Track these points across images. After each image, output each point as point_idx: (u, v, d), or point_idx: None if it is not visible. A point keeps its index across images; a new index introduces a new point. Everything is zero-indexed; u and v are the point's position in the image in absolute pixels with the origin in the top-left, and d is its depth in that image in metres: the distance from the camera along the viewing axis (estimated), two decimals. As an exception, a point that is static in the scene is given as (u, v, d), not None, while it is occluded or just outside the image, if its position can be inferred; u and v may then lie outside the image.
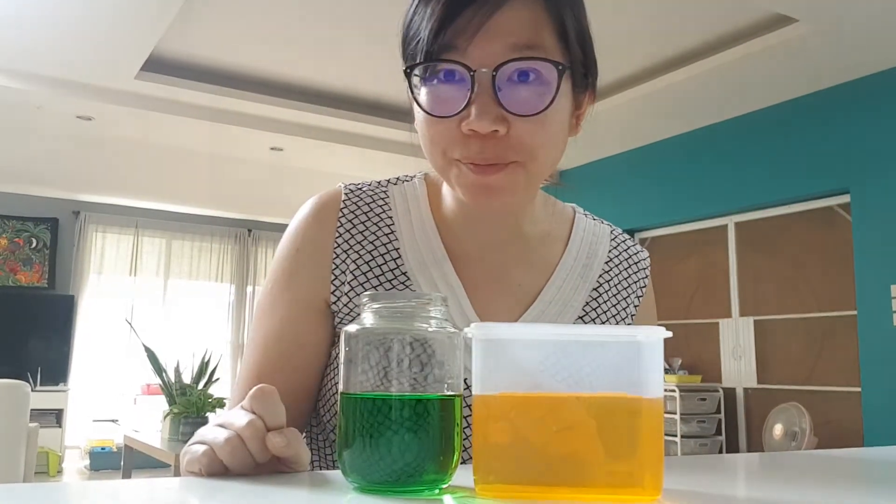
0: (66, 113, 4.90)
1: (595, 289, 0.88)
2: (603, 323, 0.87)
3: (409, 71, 0.71)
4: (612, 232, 0.94)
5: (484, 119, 0.67)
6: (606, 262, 0.90)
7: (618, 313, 0.89)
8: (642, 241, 5.76)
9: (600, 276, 0.89)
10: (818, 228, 4.69)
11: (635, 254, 0.94)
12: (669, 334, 0.49)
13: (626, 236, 0.95)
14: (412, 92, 0.71)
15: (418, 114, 0.73)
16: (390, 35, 0.82)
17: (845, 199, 4.47)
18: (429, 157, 0.75)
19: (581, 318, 0.86)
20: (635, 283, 0.92)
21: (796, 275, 4.79)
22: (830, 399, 4.52)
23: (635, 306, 0.92)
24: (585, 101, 0.77)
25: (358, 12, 3.79)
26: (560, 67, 0.69)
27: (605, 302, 0.88)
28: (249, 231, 8.20)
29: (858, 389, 4.28)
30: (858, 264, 4.28)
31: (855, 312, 4.30)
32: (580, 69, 0.74)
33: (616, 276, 0.90)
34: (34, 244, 7.27)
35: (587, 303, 0.87)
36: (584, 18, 0.75)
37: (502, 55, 0.67)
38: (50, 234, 7.33)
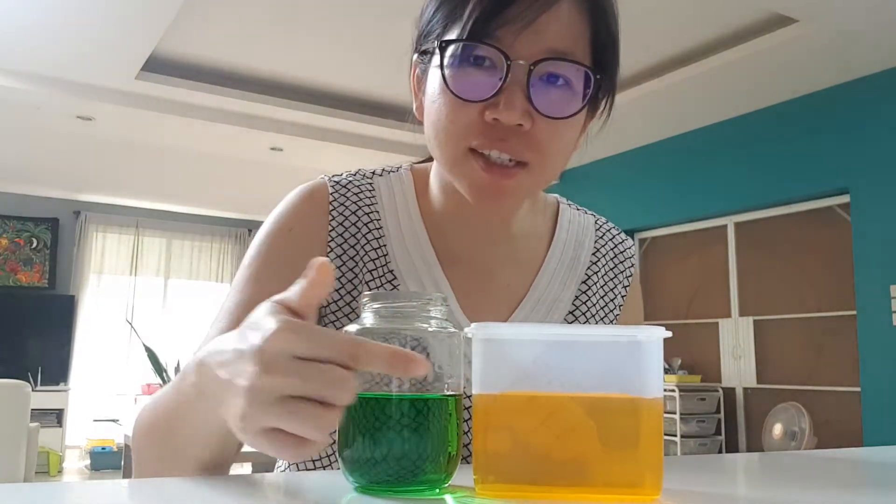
0: (66, 113, 4.90)
1: (584, 282, 0.87)
2: (593, 315, 0.86)
3: (443, 46, 0.68)
4: (596, 222, 0.93)
5: (512, 110, 0.66)
6: (593, 254, 0.89)
7: (606, 304, 0.88)
8: (642, 242, 5.76)
9: (588, 267, 0.88)
10: (818, 228, 4.69)
11: (620, 243, 0.93)
12: (669, 334, 0.49)
13: (611, 225, 0.94)
14: (441, 69, 0.68)
15: (437, 96, 0.71)
16: (391, 35, 0.82)
17: (845, 199, 4.47)
18: (438, 146, 0.72)
19: (571, 312, 0.85)
20: (622, 272, 0.91)
21: (796, 275, 4.79)
22: (830, 399, 4.52)
23: (623, 296, 0.90)
24: (590, 119, 0.77)
25: (358, 13, 3.79)
26: (597, 77, 0.70)
27: (594, 294, 0.87)
28: (249, 231, 8.20)
29: (858, 389, 4.28)
30: (858, 264, 4.28)
31: (854, 312, 4.30)
32: (605, 86, 0.74)
33: (603, 266, 0.89)
34: (35, 244, 7.27)
35: (577, 297, 0.86)
36: (618, 37, 0.74)
37: (540, 53, 0.67)
38: (50, 234, 7.33)
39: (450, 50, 0.68)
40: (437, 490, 0.52)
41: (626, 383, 0.48)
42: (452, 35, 0.69)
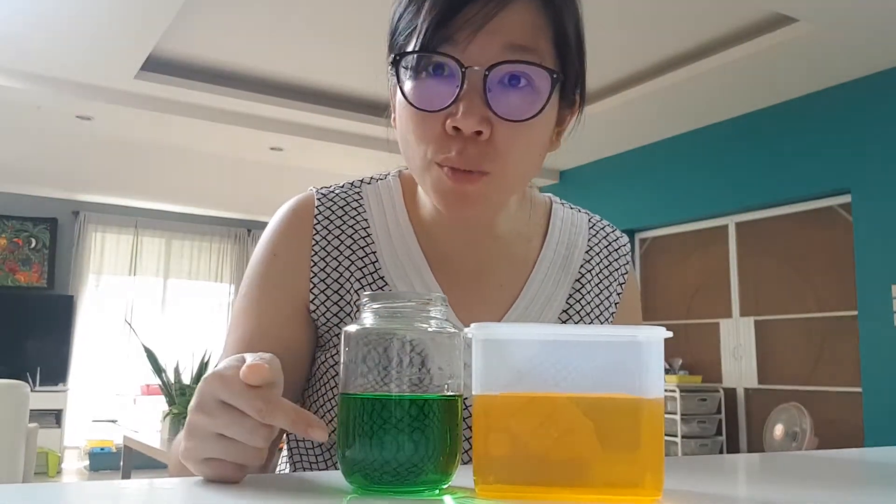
0: (66, 113, 4.90)
1: (577, 279, 0.87)
2: (588, 314, 0.86)
3: (398, 60, 0.69)
4: (590, 220, 0.92)
5: (470, 118, 0.65)
6: (587, 252, 0.89)
7: (601, 303, 0.88)
8: (642, 241, 5.76)
9: (582, 266, 0.87)
10: (818, 228, 4.69)
11: (615, 240, 0.92)
12: (670, 334, 0.49)
13: (605, 223, 0.94)
14: (399, 83, 0.69)
15: (402, 108, 0.71)
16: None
17: (846, 199, 4.47)
18: (407, 155, 0.73)
19: (565, 311, 0.84)
20: (617, 269, 0.90)
21: (797, 275, 4.80)
22: (831, 399, 4.52)
23: (618, 294, 0.90)
24: (568, 117, 0.76)
25: (358, 13, 3.79)
26: (554, 76, 0.68)
27: (588, 293, 0.87)
28: (249, 231, 8.20)
29: (859, 390, 4.28)
30: (859, 264, 4.28)
31: (855, 313, 4.30)
32: (572, 82, 0.73)
33: (597, 264, 0.89)
34: (33, 244, 7.27)
35: (570, 295, 0.85)
36: (582, 31, 0.74)
37: (497, 56, 0.66)
38: (49, 234, 7.33)
39: (406, 62, 0.69)
40: (437, 490, 0.51)
41: (626, 383, 0.48)
42: (411, 47, 0.69)
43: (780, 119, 4.71)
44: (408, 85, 0.69)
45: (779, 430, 4.53)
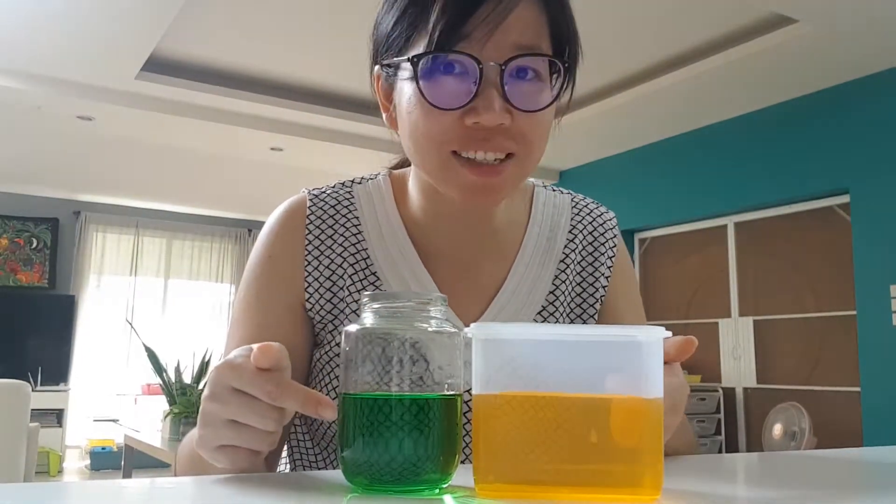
0: (67, 113, 4.90)
1: (562, 260, 0.88)
2: (578, 294, 0.88)
3: (415, 60, 0.70)
4: (573, 199, 0.93)
5: (493, 111, 0.68)
6: (570, 231, 0.90)
7: (585, 279, 0.89)
8: (642, 241, 5.76)
9: (566, 245, 0.88)
10: (818, 228, 4.69)
11: (599, 216, 0.93)
12: (669, 334, 0.49)
13: (589, 201, 0.95)
14: (416, 80, 0.70)
15: (412, 107, 0.72)
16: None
17: (845, 199, 4.47)
18: (420, 154, 0.74)
19: (552, 292, 0.86)
20: (603, 244, 0.91)
21: (796, 275, 4.80)
22: (830, 399, 4.52)
23: (609, 267, 0.90)
24: (564, 107, 0.79)
25: (358, 13, 3.79)
26: (567, 65, 0.72)
27: (573, 272, 0.88)
28: (249, 231, 8.20)
29: (858, 389, 4.28)
30: (858, 264, 4.28)
31: (854, 312, 4.31)
32: (567, 74, 0.76)
33: (581, 241, 0.90)
34: (35, 244, 7.27)
35: (556, 276, 0.86)
36: (575, 26, 0.77)
37: (508, 52, 0.69)
38: (50, 234, 7.33)
39: (422, 62, 0.70)
40: (437, 490, 0.52)
41: (626, 383, 0.48)
42: (419, 47, 0.70)
43: (780, 119, 4.71)
44: (422, 84, 0.70)
45: (777, 429, 4.53)
